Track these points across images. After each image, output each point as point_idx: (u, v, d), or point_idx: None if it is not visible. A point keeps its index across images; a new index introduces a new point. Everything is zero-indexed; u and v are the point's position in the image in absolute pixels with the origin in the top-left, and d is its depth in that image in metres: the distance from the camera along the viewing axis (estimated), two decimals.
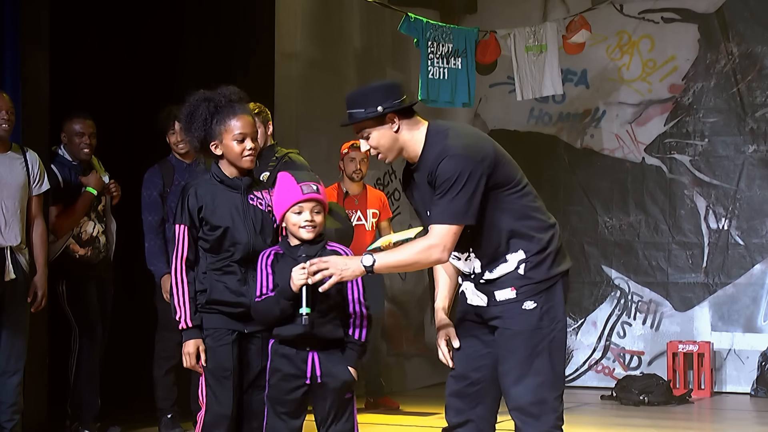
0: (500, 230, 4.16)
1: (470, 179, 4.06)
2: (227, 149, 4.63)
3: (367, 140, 4.24)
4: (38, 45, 6.77)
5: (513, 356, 4.17)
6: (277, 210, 4.60)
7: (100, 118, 7.01)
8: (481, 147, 4.15)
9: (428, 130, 4.20)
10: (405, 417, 8.30)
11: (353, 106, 4.24)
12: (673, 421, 8.47)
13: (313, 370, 4.51)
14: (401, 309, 10.24)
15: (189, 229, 4.60)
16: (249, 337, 4.66)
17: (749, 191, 9.84)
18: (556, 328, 4.18)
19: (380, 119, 4.19)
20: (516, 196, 4.18)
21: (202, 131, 4.63)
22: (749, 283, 9.79)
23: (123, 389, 7.32)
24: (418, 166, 4.20)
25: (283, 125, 8.34)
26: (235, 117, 4.63)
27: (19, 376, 6.19)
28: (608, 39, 10.28)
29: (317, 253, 4.47)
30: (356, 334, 4.59)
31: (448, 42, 9.18)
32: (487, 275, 4.22)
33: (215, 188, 4.66)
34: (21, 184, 6.21)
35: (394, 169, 10.18)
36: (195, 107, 4.65)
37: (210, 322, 4.61)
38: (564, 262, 4.25)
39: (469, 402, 4.30)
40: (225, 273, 4.61)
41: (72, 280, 6.75)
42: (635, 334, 10.15)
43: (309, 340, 4.49)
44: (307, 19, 9.30)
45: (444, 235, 4.09)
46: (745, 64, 9.87)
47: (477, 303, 4.29)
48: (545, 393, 4.15)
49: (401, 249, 4.20)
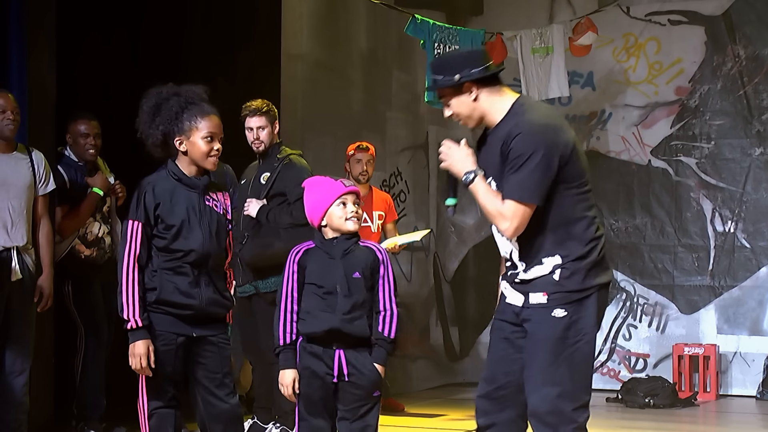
0: (546, 226, 4.14)
1: (543, 160, 4.04)
2: (193, 147, 4.55)
3: (448, 107, 4.24)
4: (44, 46, 6.77)
5: (535, 363, 4.15)
6: (318, 209, 4.58)
7: (105, 119, 7.01)
8: (562, 133, 4.14)
9: (515, 101, 4.19)
10: (410, 418, 8.30)
11: (435, 72, 4.24)
12: (679, 424, 8.46)
13: (340, 367, 4.51)
14: (407, 311, 10.22)
15: (143, 226, 4.51)
16: (201, 341, 4.57)
17: (755, 194, 9.83)
18: (582, 340, 4.13)
19: (458, 88, 4.18)
20: (574, 198, 4.16)
21: (168, 125, 4.54)
22: (755, 285, 9.77)
23: (128, 389, 7.31)
24: (495, 131, 4.18)
25: (289, 126, 8.34)
26: (207, 116, 4.55)
27: (25, 376, 6.18)
28: (615, 41, 10.27)
29: (350, 248, 4.55)
30: (386, 331, 4.58)
31: (454, 44, 9.17)
32: (522, 275, 4.21)
33: (173, 186, 4.57)
34: (27, 184, 6.21)
35: (399, 171, 10.18)
36: (164, 99, 4.56)
37: (156, 323, 4.51)
38: (602, 275, 4.18)
39: (496, 405, 4.28)
40: (176, 273, 4.53)
41: (77, 280, 6.75)
42: (641, 337, 10.14)
43: (337, 337, 4.49)
44: (313, 21, 9.30)
45: (514, 211, 4.08)
46: (751, 67, 9.85)
47: (514, 302, 4.26)
48: (563, 404, 4.11)
49: (493, 195, 4.14)
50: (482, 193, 4.17)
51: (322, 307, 4.49)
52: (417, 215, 10.39)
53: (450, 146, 4.24)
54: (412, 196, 10.33)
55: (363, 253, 4.61)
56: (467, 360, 10.72)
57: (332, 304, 4.49)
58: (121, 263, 4.52)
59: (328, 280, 4.51)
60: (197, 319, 4.55)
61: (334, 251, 4.54)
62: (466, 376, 10.57)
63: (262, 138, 6.70)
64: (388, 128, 10.06)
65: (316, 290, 4.51)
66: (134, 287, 4.47)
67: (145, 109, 4.60)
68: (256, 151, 6.78)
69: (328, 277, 4.51)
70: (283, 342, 4.52)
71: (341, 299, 4.49)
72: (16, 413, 6.14)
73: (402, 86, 10.26)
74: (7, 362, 6.13)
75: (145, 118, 4.60)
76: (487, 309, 10.74)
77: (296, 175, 6.41)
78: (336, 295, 4.49)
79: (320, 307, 4.49)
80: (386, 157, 9.87)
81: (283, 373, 4.52)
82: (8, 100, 6.18)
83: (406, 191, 10.26)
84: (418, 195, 10.43)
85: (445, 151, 4.23)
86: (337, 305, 4.49)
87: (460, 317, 10.82)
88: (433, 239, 10.63)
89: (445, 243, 10.87)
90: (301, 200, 4.87)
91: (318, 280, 4.51)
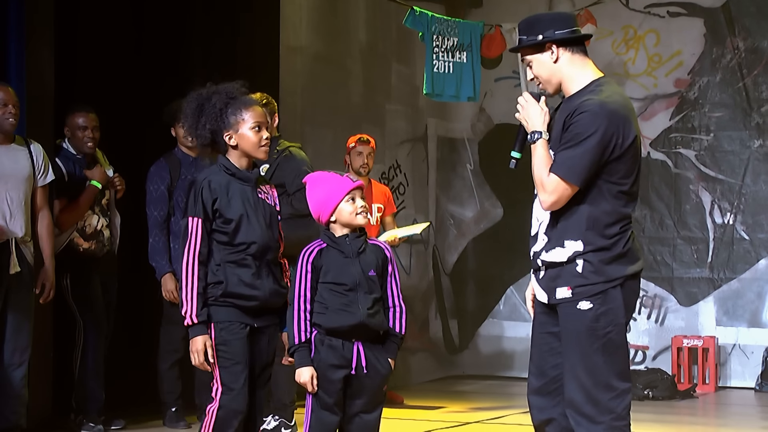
0: (579, 210, 4.10)
1: (599, 145, 4.01)
2: (243, 139, 4.60)
3: (530, 68, 4.19)
4: (43, 38, 6.77)
5: (570, 356, 4.15)
6: (327, 205, 4.58)
7: (104, 112, 7.01)
8: (629, 124, 4.09)
9: (596, 79, 4.16)
10: (409, 411, 8.30)
11: (521, 32, 4.20)
12: (678, 416, 8.46)
13: (359, 360, 4.53)
14: (406, 303, 10.18)
15: (203, 222, 4.54)
16: (257, 332, 4.63)
17: (755, 186, 9.82)
18: (612, 330, 4.10)
19: (540, 47, 4.14)
20: (613, 193, 4.11)
21: (215, 122, 4.59)
22: (754, 278, 9.78)
23: (127, 383, 7.33)
24: (568, 101, 4.15)
25: (288, 119, 8.34)
26: (251, 107, 4.63)
27: (24, 368, 6.19)
28: (614, 33, 10.27)
29: (362, 246, 4.57)
30: (397, 327, 4.64)
31: (453, 36, 9.16)
32: (544, 255, 4.17)
33: (227, 180, 4.61)
34: (26, 175, 6.21)
35: (399, 164, 10.18)
36: (205, 99, 4.61)
37: (224, 315, 4.54)
38: (630, 266, 4.14)
39: (551, 400, 4.26)
40: (239, 266, 4.56)
41: (76, 273, 6.75)
42: (640, 329, 10.14)
43: (360, 332, 4.51)
44: (313, 13, 9.29)
45: (555, 186, 4.06)
46: (751, 59, 9.85)
47: (541, 299, 4.25)
48: (599, 394, 4.11)
49: (544, 164, 4.09)
50: (538, 157, 4.13)
51: (343, 302, 4.51)
52: (416, 208, 10.39)
53: (528, 99, 4.18)
54: (411, 188, 10.33)
55: (374, 251, 4.65)
56: (466, 352, 10.72)
57: (354, 300, 4.51)
58: (181, 259, 4.55)
59: (347, 278, 4.53)
60: (259, 310, 4.59)
61: (348, 250, 4.57)
62: (465, 368, 10.57)
63: None
64: (388, 121, 10.06)
65: (336, 287, 4.52)
66: (194, 283, 4.51)
67: (189, 112, 4.64)
68: None
69: (346, 276, 4.53)
70: (298, 340, 4.53)
71: (362, 296, 4.52)
72: (14, 405, 6.15)
73: (401, 79, 10.25)
74: (5, 354, 6.14)
75: (191, 122, 4.64)
76: (487, 302, 10.75)
77: (296, 166, 6.42)
78: (357, 292, 4.52)
79: (341, 304, 4.51)
80: (385, 149, 9.86)
81: (300, 371, 4.52)
82: (8, 94, 6.18)
83: (405, 184, 10.26)
84: (417, 187, 10.43)
85: (522, 104, 4.18)
86: (359, 301, 4.51)
87: (459, 310, 10.83)
88: (432, 232, 10.63)
89: (445, 236, 10.87)
90: (301, 191, 4.87)
91: (336, 278, 4.53)
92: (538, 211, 4.23)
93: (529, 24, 4.21)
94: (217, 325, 4.54)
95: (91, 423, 6.74)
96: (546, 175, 4.08)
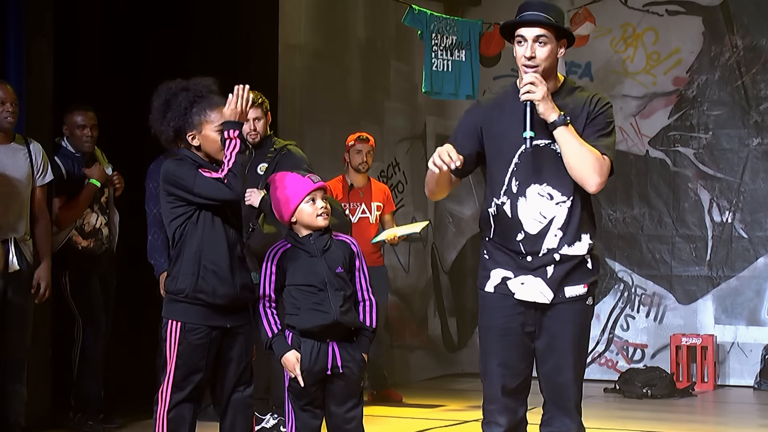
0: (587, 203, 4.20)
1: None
2: (206, 140, 4.51)
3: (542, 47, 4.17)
4: (42, 36, 6.76)
5: (571, 352, 4.17)
6: (289, 206, 4.59)
7: (103, 109, 7.00)
8: None
9: (567, 79, 4.30)
10: (408, 409, 8.30)
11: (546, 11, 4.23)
12: (677, 414, 8.46)
13: (334, 359, 4.54)
14: (404, 301, 10.23)
15: None
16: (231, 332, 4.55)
17: (753, 184, 9.83)
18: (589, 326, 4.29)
19: (561, 36, 4.20)
20: None
21: (179, 120, 4.50)
22: (753, 276, 9.78)
23: (126, 380, 7.33)
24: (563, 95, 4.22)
25: (287, 116, 8.34)
26: (216, 108, 4.49)
27: (23, 366, 6.19)
28: (613, 31, 10.27)
29: (327, 243, 4.57)
30: (368, 321, 4.64)
31: (452, 34, 9.16)
32: (565, 249, 4.15)
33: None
34: (24, 174, 6.21)
35: (397, 162, 10.17)
36: (173, 95, 4.52)
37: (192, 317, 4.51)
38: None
39: (520, 399, 4.28)
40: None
41: (75, 271, 6.75)
42: (639, 327, 10.14)
43: (333, 331, 4.52)
44: (311, 11, 9.29)
45: (608, 171, 4.11)
46: (749, 57, 9.85)
47: (538, 300, 4.18)
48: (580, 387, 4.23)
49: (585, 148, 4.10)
50: (577, 139, 4.11)
51: (314, 302, 4.52)
52: (415, 206, 10.38)
53: (542, 80, 4.15)
54: (410, 186, 10.32)
55: (340, 247, 4.66)
56: (465, 350, 10.72)
57: (325, 299, 4.52)
58: None
59: (314, 278, 4.54)
60: (231, 310, 4.53)
61: (313, 249, 4.57)
62: (464, 366, 10.57)
63: (258, 129, 6.69)
64: (387, 118, 10.06)
65: (304, 288, 4.54)
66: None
67: (156, 106, 4.56)
68: (251, 143, 6.77)
69: (312, 276, 4.54)
70: (271, 333, 4.54)
71: (333, 293, 4.53)
72: (13, 404, 6.14)
73: (400, 76, 10.25)
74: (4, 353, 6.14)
75: (156, 115, 4.56)
76: None
77: (295, 164, 6.41)
78: (326, 291, 4.53)
79: (313, 303, 4.52)
80: (384, 147, 9.86)
81: (285, 357, 4.53)
82: (7, 92, 6.17)
83: (404, 182, 10.26)
84: (416, 185, 10.42)
85: (537, 83, 4.13)
86: (330, 300, 4.51)
87: (458, 308, 10.83)
88: (431, 230, 10.63)
89: (443, 234, 10.87)
90: None
91: (303, 279, 4.54)
92: (540, 209, 4.18)
93: (556, 10, 4.24)
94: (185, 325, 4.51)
95: (90, 421, 6.74)
96: (601, 157, 4.10)
